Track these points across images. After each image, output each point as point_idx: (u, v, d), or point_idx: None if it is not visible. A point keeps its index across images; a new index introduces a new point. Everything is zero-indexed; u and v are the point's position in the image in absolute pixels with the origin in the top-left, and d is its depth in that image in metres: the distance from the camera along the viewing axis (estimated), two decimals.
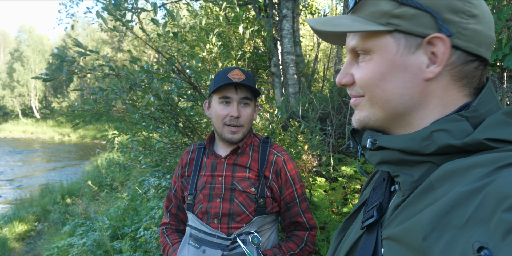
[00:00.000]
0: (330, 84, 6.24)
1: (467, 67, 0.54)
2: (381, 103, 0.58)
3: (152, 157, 2.84)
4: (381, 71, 0.56)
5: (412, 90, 0.55)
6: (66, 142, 26.88)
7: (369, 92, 0.59)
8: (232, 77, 1.29)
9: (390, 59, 0.55)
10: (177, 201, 1.51)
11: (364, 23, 0.57)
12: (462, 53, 0.53)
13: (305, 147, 3.08)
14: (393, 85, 0.56)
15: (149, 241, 3.66)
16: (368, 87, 0.58)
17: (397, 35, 0.55)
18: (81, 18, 26.32)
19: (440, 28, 0.52)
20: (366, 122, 0.61)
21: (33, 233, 6.12)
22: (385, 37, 0.56)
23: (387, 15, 0.55)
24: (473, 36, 0.53)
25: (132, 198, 5.60)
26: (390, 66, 0.56)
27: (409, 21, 0.53)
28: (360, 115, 0.62)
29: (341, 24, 0.58)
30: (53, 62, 1.89)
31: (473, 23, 0.52)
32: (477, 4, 0.53)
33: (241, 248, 1.24)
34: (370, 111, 0.60)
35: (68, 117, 1.90)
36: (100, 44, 40.06)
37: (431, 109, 0.55)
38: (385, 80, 0.56)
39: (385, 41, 0.56)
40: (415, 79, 0.55)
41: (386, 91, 0.57)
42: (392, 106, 0.57)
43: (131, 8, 1.94)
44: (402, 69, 0.55)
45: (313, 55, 10.58)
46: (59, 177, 11.15)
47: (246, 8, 7.58)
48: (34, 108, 42.87)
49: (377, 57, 0.57)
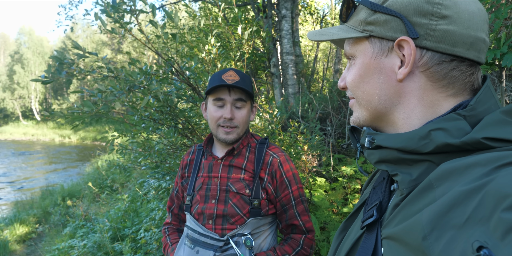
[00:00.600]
0: (330, 84, 6.24)
1: (442, 67, 0.54)
2: (364, 103, 0.63)
3: (152, 159, 2.84)
4: (360, 74, 0.62)
5: (387, 90, 0.59)
6: (66, 144, 26.90)
7: (354, 94, 0.65)
8: (226, 79, 1.29)
9: (366, 63, 0.61)
10: (179, 202, 1.52)
11: (346, 31, 0.63)
12: (435, 54, 0.54)
13: (304, 147, 3.07)
14: (371, 87, 0.61)
15: (150, 243, 3.66)
16: (353, 89, 0.64)
17: (373, 40, 0.59)
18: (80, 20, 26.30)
19: (408, 31, 0.54)
20: (357, 122, 0.67)
21: (34, 235, 6.13)
22: (364, 42, 0.61)
23: (363, 22, 0.60)
24: (443, 36, 0.53)
25: (133, 199, 5.60)
26: (367, 69, 0.61)
27: (381, 26, 0.57)
28: (352, 116, 0.68)
29: (328, 33, 0.66)
30: (53, 64, 1.89)
31: (443, 24, 0.53)
32: (450, 5, 0.53)
33: (233, 250, 1.24)
34: (359, 112, 0.66)
35: (67, 119, 1.90)
36: (99, 45, 40.10)
37: (412, 109, 0.58)
38: (363, 82, 0.62)
39: (364, 46, 0.61)
40: (389, 80, 0.59)
41: (366, 92, 0.62)
42: (373, 106, 0.61)
43: (129, 10, 1.94)
44: (377, 71, 0.60)
45: (312, 55, 10.58)
46: (60, 179, 11.16)
47: (245, 8, 7.59)
48: (34, 110, 42.91)
49: (358, 61, 0.62)
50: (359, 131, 0.69)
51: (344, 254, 0.65)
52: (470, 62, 0.55)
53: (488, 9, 1.69)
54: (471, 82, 0.56)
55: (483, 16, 0.56)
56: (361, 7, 0.61)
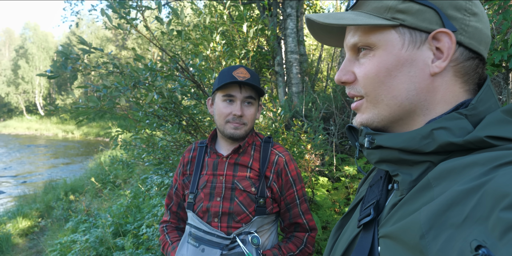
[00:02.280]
0: (334, 84, 6.23)
1: (469, 64, 0.55)
2: (387, 100, 0.57)
3: (155, 155, 2.85)
4: (387, 66, 0.55)
5: (418, 85, 0.55)
6: (69, 139, 26.99)
7: (374, 90, 0.57)
8: (237, 76, 1.28)
9: (395, 54, 0.55)
10: (178, 199, 1.51)
11: (368, 17, 0.56)
12: (464, 50, 0.54)
13: (308, 147, 3.07)
14: (399, 81, 0.55)
15: (152, 239, 3.67)
16: (373, 84, 0.57)
17: (402, 30, 0.55)
18: (85, 16, 26.35)
19: (444, 24, 0.53)
20: (370, 124, 0.60)
21: (37, 229, 6.16)
22: (389, 32, 0.55)
23: (392, 10, 0.54)
24: (474, 33, 0.54)
25: (135, 195, 5.62)
26: (396, 61, 0.55)
27: (414, 16, 0.54)
28: (362, 118, 0.61)
29: (345, 17, 0.58)
30: (58, 60, 1.90)
31: (474, 21, 0.54)
32: (477, 3, 0.54)
33: (240, 248, 1.24)
34: (374, 112, 0.59)
35: (72, 114, 1.91)
36: (104, 41, 40.16)
37: (435, 105, 0.56)
38: (391, 75, 0.55)
39: (389, 36, 0.55)
40: (421, 74, 0.55)
41: (393, 87, 0.56)
42: (398, 102, 0.56)
43: (135, 6, 1.94)
44: (408, 64, 0.55)
45: (316, 55, 10.56)
46: (63, 174, 11.21)
47: (250, 7, 7.58)
48: (38, 105, 43.08)
49: (382, 52, 0.56)
50: (357, 129, 0.67)
51: (341, 253, 0.65)
52: (484, 60, 0.57)
53: (496, 10, 1.68)
54: (480, 80, 0.57)
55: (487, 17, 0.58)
56: None
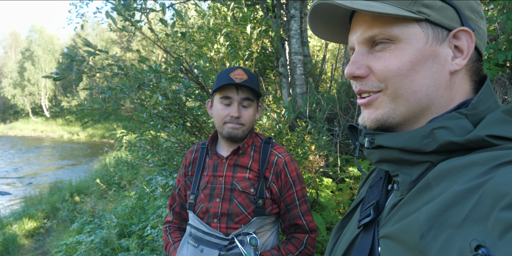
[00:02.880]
0: (338, 85, 6.22)
1: (477, 64, 0.56)
2: (407, 95, 0.55)
3: (160, 156, 2.86)
4: (411, 60, 0.54)
5: (438, 81, 0.54)
6: (75, 141, 27.16)
7: (395, 83, 0.55)
8: (234, 77, 1.28)
9: (420, 49, 0.54)
10: (180, 200, 1.52)
11: (395, 8, 0.53)
12: (474, 50, 0.56)
13: (312, 148, 3.07)
14: (422, 76, 0.54)
15: (156, 240, 3.68)
16: (395, 78, 0.55)
17: (425, 25, 0.54)
18: (90, 18, 26.54)
19: (463, 23, 0.54)
20: (384, 120, 0.58)
21: (42, 230, 6.20)
22: (413, 26, 0.54)
23: (417, 3, 0.53)
24: (483, 35, 0.56)
25: (140, 196, 5.64)
26: (420, 56, 0.54)
27: (438, 12, 0.53)
28: (377, 114, 0.58)
29: (373, 5, 0.54)
30: (63, 62, 1.92)
31: (482, 24, 0.55)
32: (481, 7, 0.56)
33: (238, 249, 1.24)
34: (391, 107, 0.57)
35: (77, 116, 1.92)
36: (109, 44, 40.39)
37: (448, 103, 0.56)
38: (414, 69, 0.54)
39: (413, 30, 0.54)
40: (442, 70, 0.54)
41: (414, 82, 0.54)
42: (417, 98, 0.55)
43: (140, 8, 1.96)
44: (431, 59, 0.54)
45: (320, 56, 10.55)
46: (68, 175, 11.27)
47: (254, 8, 7.59)
48: (44, 107, 43.41)
49: (405, 45, 0.54)
50: (357, 128, 0.67)
51: (341, 254, 0.65)
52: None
53: (500, 10, 1.68)
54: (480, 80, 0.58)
55: None
56: None
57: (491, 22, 1.67)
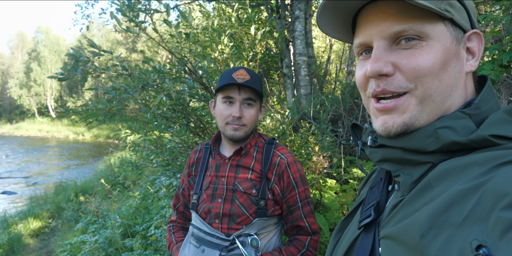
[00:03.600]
0: (342, 86, 6.21)
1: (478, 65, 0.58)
2: (436, 95, 0.52)
3: (164, 157, 2.87)
4: (442, 58, 0.51)
5: (459, 81, 0.54)
6: (80, 141, 27.31)
7: (426, 83, 0.52)
8: (236, 77, 1.28)
9: (448, 47, 0.52)
10: (184, 200, 1.52)
11: (429, 3, 0.50)
12: None
13: (315, 148, 3.07)
14: (448, 75, 0.52)
15: (160, 240, 3.69)
16: (427, 76, 0.51)
17: (448, 24, 0.53)
18: (96, 19, 26.70)
19: (472, 25, 0.55)
20: (412, 124, 0.53)
21: (47, 229, 6.24)
22: (440, 24, 0.52)
23: (444, 2, 0.51)
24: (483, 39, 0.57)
25: (144, 197, 5.66)
26: (448, 55, 0.52)
27: (458, 13, 0.53)
28: (404, 118, 0.53)
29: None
30: (69, 62, 1.93)
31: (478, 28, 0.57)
32: None
33: (239, 250, 1.23)
34: (418, 109, 0.53)
35: (82, 116, 1.94)
36: (114, 44, 40.61)
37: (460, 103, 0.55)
38: (443, 69, 0.52)
39: (441, 28, 0.52)
40: (462, 70, 0.54)
41: (443, 81, 0.52)
42: (443, 98, 0.52)
43: (144, 9, 1.97)
44: (455, 58, 0.53)
45: (325, 57, 10.53)
46: (73, 175, 11.33)
47: (259, 9, 7.60)
48: (50, 107, 43.71)
49: (436, 43, 0.52)
50: (360, 128, 0.67)
51: (342, 255, 0.65)
52: None
53: (504, 10, 1.67)
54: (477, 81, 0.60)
55: None
56: None
57: (496, 22, 1.66)
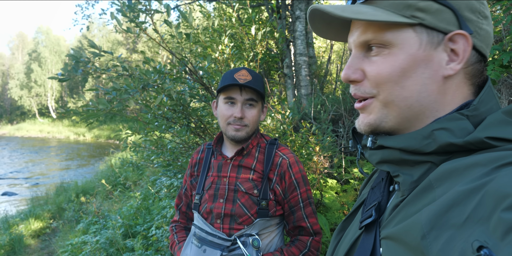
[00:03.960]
0: (343, 86, 6.21)
1: (477, 67, 0.55)
2: (398, 101, 0.55)
3: (164, 157, 2.87)
4: (402, 66, 0.53)
5: (430, 87, 0.54)
6: (81, 142, 27.34)
7: (386, 90, 0.55)
8: (238, 78, 1.28)
9: (412, 54, 0.53)
10: (187, 200, 1.52)
11: (387, 14, 0.53)
12: (475, 53, 0.54)
13: (316, 149, 3.07)
14: (413, 82, 0.54)
15: (161, 240, 3.70)
16: (386, 84, 0.55)
17: (419, 29, 0.53)
18: (96, 19, 26.68)
19: (461, 26, 0.52)
20: (377, 125, 0.58)
21: (48, 230, 6.24)
22: (406, 30, 0.53)
23: (411, 7, 0.52)
24: (485, 36, 0.54)
25: (145, 197, 5.66)
26: (411, 61, 0.53)
27: (433, 15, 0.52)
28: (369, 119, 0.59)
29: (364, 12, 0.54)
30: (69, 63, 1.93)
31: (485, 24, 0.53)
32: (487, 6, 0.53)
33: (240, 250, 1.23)
34: (383, 113, 0.57)
35: (82, 117, 1.94)
36: (115, 45, 40.64)
37: (444, 107, 0.55)
38: (405, 76, 0.54)
39: (407, 34, 0.53)
40: (434, 75, 0.53)
41: (405, 88, 0.54)
42: (408, 103, 0.54)
43: (144, 10, 1.97)
44: (423, 65, 0.53)
45: (326, 57, 10.53)
46: (74, 176, 11.34)
47: (259, 9, 7.60)
48: (50, 108, 43.75)
49: (397, 51, 0.54)
50: None
51: (343, 255, 0.65)
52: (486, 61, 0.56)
53: (505, 10, 1.66)
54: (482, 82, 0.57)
55: None
56: None
57: (497, 23, 1.66)
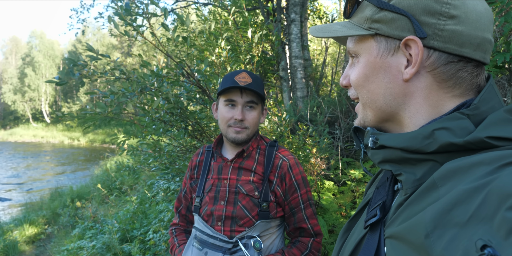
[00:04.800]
0: (339, 88, 6.24)
1: (449, 68, 0.54)
2: (369, 103, 0.62)
3: (161, 160, 2.87)
4: (365, 72, 0.60)
5: (393, 90, 0.58)
6: (75, 146, 27.16)
7: (359, 93, 0.63)
8: (238, 80, 1.29)
9: (371, 61, 0.59)
10: (186, 203, 1.52)
11: (351, 28, 0.62)
12: (442, 54, 0.53)
13: (313, 150, 3.08)
14: (376, 86, 0.60)
15: (158, 244, 3.68)
16: (357, 88, 0.63)
17: (379, 38, 0.58)
18: (91, 23, 26.58)
19: (415, 31, 0.53)
20: (362, 124, 0.66)
21: (43, 236, 6.18)
22: (369, 40, 0.60)
23: (369, 20, 0.59)
24: (451, 37, 0.52)
25: (141, 201, 5.63)
26: (371, 68, 0.59)
27: (388, 25, 0.56)
28: (357, 119, 0.67)
29: (332, 30, 0.64)
30: (65, 67, 1.93)
31: (451, 24, 0.52)
32: (458, 5, 0.52)
33: (242, 252, 1.23)
34: (364, 113, 0.64)
35: (79, 121, 1.93)
36: (110, 49, 40.54)
37: (418, 108, 0.57)
38: (368, 81, 0.60)
39: (369, 44, 0.60)
40: (394, 79, 0.58)
41: (371, 92, 0.60)
42: (378, 106, 0.60)
43: (141, 13, 1.98)
44: (382, 70, 0.58)
45: (321, 59, 10.58)
46: (69, 181, 11.25)
47: (255, 13, 7.63)
48: (44, 113, 43.42)
49: (362, 59, 0.61)
50: (362, 131, 0.68)
51: (348, 254, 0.65)
52: (477, 62, 0.55)
53: (498, 12, 1.69)
54: (477, 83, 0.56)
55: (489, 16, 0.55)
56: (367, 4, 0.60)
57: None
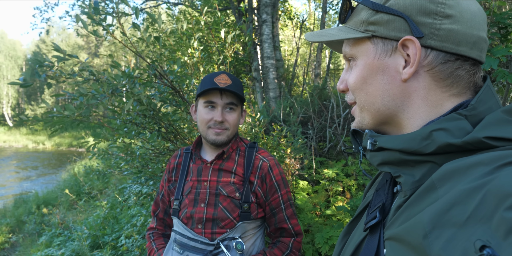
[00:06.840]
0: (310, 88, 6.31)
1: (447, 67, 0.54)
2: (367, 106, 0.61)
3: (133, 164, 2.79)
4: (362, 75, 0.61)
5: (391, 91, 0.58)
6: (40, 150, 26.05)
7: (357, 96, 0.63)
8: (218, 82, 1.28)
9: (369, 63, 0.60)
10: (164, 206, 1.49)
11: (346, 31, 0.62)
12: (439, 53, 0.54)
13: (287, 151, 3.09)
14: (374, 88, 0.60)
15: (131, 250, 3.58)
16: (355, 91, 0.63)
17: (376, 40, 0.59)
18: (56, 23, 25.64)
19: (412, 31, 0.54)
20: (360, 126, 0.66)
21: (7, 245, 5.89)
22: (366, 43, 0.60)
23: (365, 22, 0.59)
24: (448, 35, 0.53)
25: (112, 206, 5.48)
26: (369, 70, 0.60)
27: (384, 26, 0.57)
28: (354, 122, 0.67)
29: (328, 34, 0.65)
30: (29, 68, 1.84)
31: (447, 23, 0.53)
32: (453, 4, 0.53)
33: (224, 254, 1.22)
34: (361, 116, 0.64)
35: (46, 124, 1.84)
36: (76, 49, 39.26)
37: (416, 109, 0.57)
38: (366, 83, 0.60)
39: (366, 46, 0.60)
40: (393, 80, 0.58)
41: (369, 94, 0.60)
42: (376, 108, 0.60)
43: (112, 12, 1.91)
44: (380, 72, 0.59)
45: (292, 60, 10.68)
46: (34, 187, 10.77)
47: (225, 13, 7.60)
48: (6, 116, 41.41)
49: (359, 62, 0.61)
50: (360, 134, 0.69)
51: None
52: (473, 61, 0.56)
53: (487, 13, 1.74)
54: (474, 82, 0.57)
55: (483, 15, 0.56)
56: (362, 7, 0.60)
57: None
